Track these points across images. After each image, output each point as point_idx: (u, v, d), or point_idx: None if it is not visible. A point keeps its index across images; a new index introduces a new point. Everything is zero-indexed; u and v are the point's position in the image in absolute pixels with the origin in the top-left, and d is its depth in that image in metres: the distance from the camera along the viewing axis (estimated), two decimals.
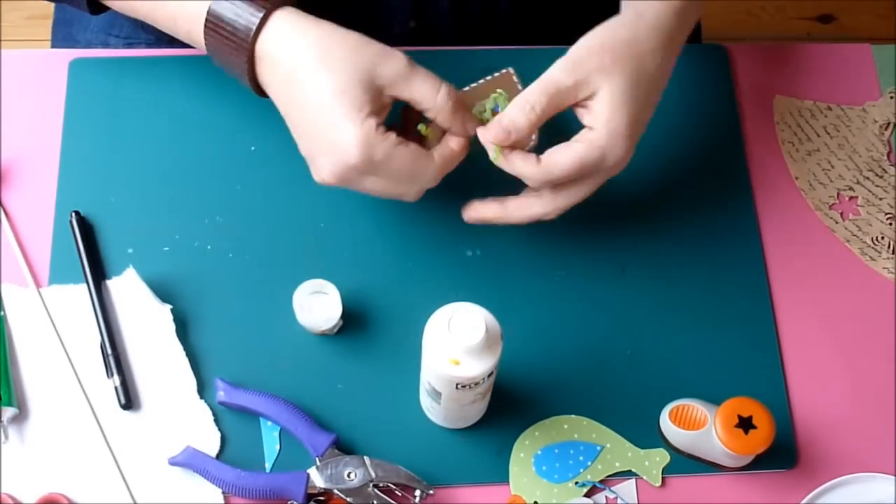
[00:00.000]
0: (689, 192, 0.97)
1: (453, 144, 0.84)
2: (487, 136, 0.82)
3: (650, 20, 0.84)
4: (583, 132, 0.82)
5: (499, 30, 1.03)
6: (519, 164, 0.82)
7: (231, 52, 0.83)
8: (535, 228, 0.94)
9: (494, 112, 0.85)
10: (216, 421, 0.86)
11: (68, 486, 0.84)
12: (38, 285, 0.89)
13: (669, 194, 0.97)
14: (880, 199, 0.98)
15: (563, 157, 0.81)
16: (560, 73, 0.81)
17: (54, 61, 0.98)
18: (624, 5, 0.85)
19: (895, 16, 1.98)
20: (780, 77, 1.03)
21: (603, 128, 0.81)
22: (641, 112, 0.82)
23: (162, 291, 0.89)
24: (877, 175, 0.99)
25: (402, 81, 0.80)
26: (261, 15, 0.81)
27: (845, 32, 1.97)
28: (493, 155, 0.83)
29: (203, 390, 0.87)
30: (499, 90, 0.87)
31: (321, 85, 0.79)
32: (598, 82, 0.81)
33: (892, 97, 1.02)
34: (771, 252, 0.95)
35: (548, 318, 0.92)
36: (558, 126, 0.84)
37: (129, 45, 1.06)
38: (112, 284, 0.90)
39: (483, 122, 0.84)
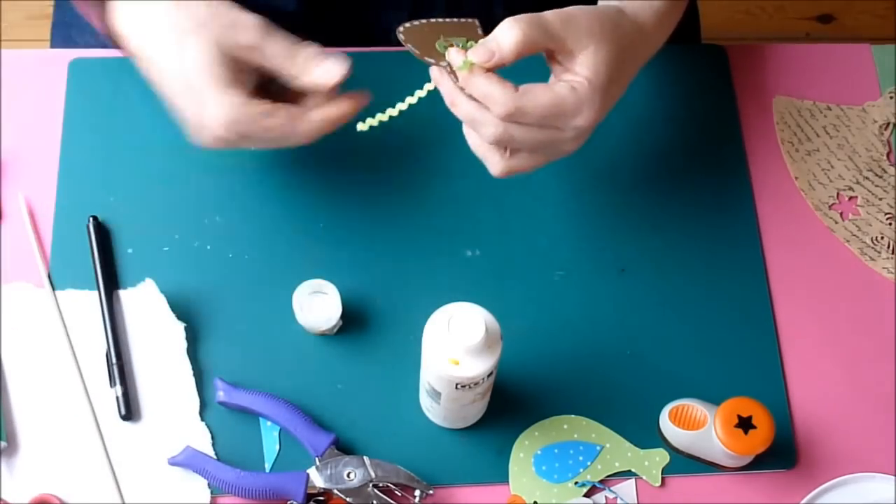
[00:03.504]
0: (688, 192, 0.97)
1: (336, 108, 0.82)
2: (473, 55, 0.76)
3: (637, 19, 0.83)
4: (564, 79, 0.78)
5: None
6: (490, 84, 0.75)
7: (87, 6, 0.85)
8: (535, 228, 0.94)
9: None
10: (212, 439, 0.86)
11: (62, 491, 0.83)
12: (40, 286, 0.89)
13: (669, 194, 0.97)
14: (880, 199, 0.98)
15: (542, 92, 0.76)
16: (554, 17, 0.77)
17: (54, 61, 0.98)
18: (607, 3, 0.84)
19: (895, 16, 1.98)
20: (780, 77, 1.03)
21: (585, 80, 0.77)
22: (613, 98, 0.79)
23: (161, 291, 0.89)
24: (876, 175, 0.99)
25: (256, 52, 0.80)
26: None
27: (845, 32, 1.97)
28: (461, 66, 0.76)
29: (204, 410, 0.87)
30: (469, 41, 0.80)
31: (183, 63, 0.80)
32: (587, 42, 0.77)
33: (892, 97, 1.02)
34: (771, 252, 0.95)
35: (548, 318, 0.91)
36: None
37: None
38: (128, 295, 0.89)
39: (443, 56, 0.77)
